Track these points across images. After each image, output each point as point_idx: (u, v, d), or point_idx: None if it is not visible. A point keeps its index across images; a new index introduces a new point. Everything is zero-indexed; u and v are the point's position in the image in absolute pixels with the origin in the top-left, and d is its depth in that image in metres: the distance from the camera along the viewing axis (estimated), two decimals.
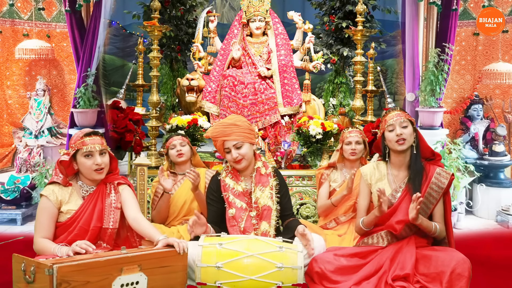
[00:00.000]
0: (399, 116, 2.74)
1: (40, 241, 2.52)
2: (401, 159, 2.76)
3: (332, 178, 3.64)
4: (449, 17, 4.71)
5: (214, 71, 4.72)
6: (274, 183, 2.96)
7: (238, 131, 2.91)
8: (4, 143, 6.14)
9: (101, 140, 2.63)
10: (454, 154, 4.40)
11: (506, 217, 4.72)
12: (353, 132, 3.63)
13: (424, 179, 2.70)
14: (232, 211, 2.88)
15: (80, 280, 2.10)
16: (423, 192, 2.67)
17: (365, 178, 2.84)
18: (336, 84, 6.27)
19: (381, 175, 2.80)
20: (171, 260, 2.38)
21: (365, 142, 3.65)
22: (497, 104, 5.96)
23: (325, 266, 2.60)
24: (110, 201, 2.64)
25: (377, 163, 2.87)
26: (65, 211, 2.57)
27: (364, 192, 2.86)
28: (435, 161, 2.79)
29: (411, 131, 2.72)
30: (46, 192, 2.58)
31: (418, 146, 2.74)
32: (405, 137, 2.70)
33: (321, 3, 6.35)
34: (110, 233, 2.61)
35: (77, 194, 2.63)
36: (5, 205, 4.66)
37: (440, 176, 2.70)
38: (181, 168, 3.60)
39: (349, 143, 3.57)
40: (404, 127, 2.71)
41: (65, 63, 6.35)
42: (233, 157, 2.89)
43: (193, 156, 3.66)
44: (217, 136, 2.94)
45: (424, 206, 2.67)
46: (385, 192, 2.59)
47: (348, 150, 3.56)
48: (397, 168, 2.78)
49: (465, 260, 2.49)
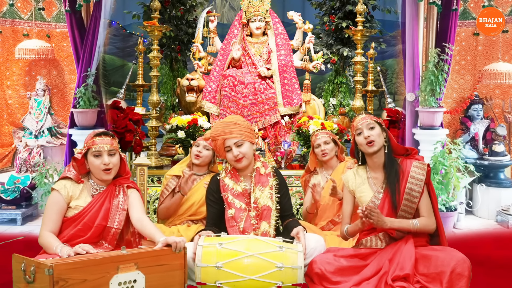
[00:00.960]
0: (365, 119, 2.77)
1: (46, 234, 2.54)
2: (375, 160, 2.77)
3: (314, 182, 3.65)
4: (449, 17, 4.70)
5: (214, 71, 4.72)
6: (274, 183, 2.96)
7: (238, 129, 2.91)
8: (4, 143, 6.14)
9: (111, 140, 2.67)
10: (454, 154, 4.39)
11: (506, 217, 4.72)
12: (319, 134, 3.68)
13: (402, 176, 2.71)
14: (231, 212, 2.88)
15: (77, 278, 2.11)
16: (403, 188, 2.68)
17: (347, 185, 2.86)
18: (336, 84, 6.27)
19: (362, 180, 2.82)
20: (167, 258, 2.39)
21: (335, 140, 3.68)
22: (497, 104, 5.96)
23: (325, 267, 2.60)
24: (118, 201, 2.67)
25: (357, 168, 2.89)
26: (73, 207, 2.61)
27: (347, 199, 2.88)
28: (411, 155, 2.81)
29: (379, 132, 2.74)
30: (58, 186, 2.62)
31: (389, 146, 2.75)
32: (373, 139, 2.71)
33: (321, 3, 6.36)
34: (113, 233, 2.63)
35: (87, 192, 2.67)
36: (5, 205, 4.66)
37: (417, 168, 2.71)
38: (198, 169, 3.56)
39: (318, 146, 3.62)
40: (371, 128, 2.73)
41: (65, 63, 6.35)
42: (234, 155, 2.89)
43: (213, 164, 3.60)
44: (217, 135, 2.93)
45: (408, 203, 2.68)
46: (372, 209, 2.58)
47: (320, 153, 3.61)
48: (374, 170, 2.80)
49: (465, 259, 2.48)
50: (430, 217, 2.71)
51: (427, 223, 2.69)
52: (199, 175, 3.54)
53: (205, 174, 3.56)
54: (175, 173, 3.55)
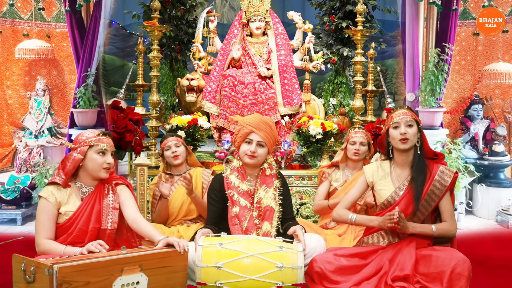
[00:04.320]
0: (406, 114, 2.73)
1: (45, 242, 2.51)
2: (404, 158, 2.75)
3: (334, 177, 3.63)
4: (449, 17, 4.71)
5: (214, 71, 4.72)
6: (278, 185, 2.95)
7: (269, 133, 2.89)
8: (4, 143, 6.14)
9: (111, 141, 2.72)
10: (454, 154, 4.40)
11: (506, 217, 4.73)
12: (359, 132, 3.63)
13: (428, 177, 2.70)
14: (235, 210, 2.85)
15: (81, 280, 2.10)
16: (426, 189, 2.68)
17: (367, 175, 2.83)
18: (336, 84, 6.26)
19: (385, 173, 2.80)
20: (172, 260, 2.38)
21: (370, 144, 3.64)
22: (497, 104, 5.96)
23: (325, 266, 2.60)
24: (108, 201, 2.64)
25: (381, 162, 2.87)
26: (63, 213, 2.57)
27: (359, 186, 2.86)
28: (438, 160, 2.80)
29: (415, 131, 2.72)
30: (45, 193, 2.58)
31: (421, 147, 2.74)
32: (409, 137, 2.69)
33: (321, 3, 6.35)
34: (109, 233, 2.61)
35: (75, 195, 2.63)
36: (5, 205, 4.66)
37: (444, 174, 2.70)
38: (177, 169, 3.59)
39: (354, 143, 3.57)
40: (409, 126, 2.71)
41: (65, 63, 6.35)
42: (251, 150, 2.84)
43: (189, 156, 3.63)
44: (249, 124, 2.88)
45: (425, 204, 2.68)
46: (401, 215, 2.56)
47: (352, 150, 3.56)
48: (400, 166, 2.78)
49: (465, 259, 2.48)
50: (452, 222, 2.71)
51: (449, 228, 2.69)
52: (179, 174, 3.56)
53: (185, 171, 3.58)
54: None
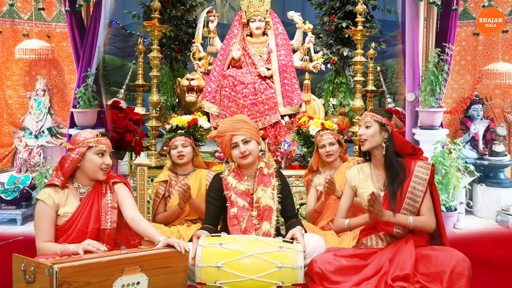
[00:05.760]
0: (366, 116, 2.79)
1: (44, 245, 2.50)
2: (377, 158, 2.79)
3: (317, 182, 3.64)
4: (449, 17, 4.71)
5: (214, 71, 4.72)
6: (276, 184, 2.96)
7: (247, 127, 2.92)
8: (4, 143, 6.13)
9: (109, 143, 2.71)
10: (454, 154, 4.39)
11: (506, 217, 4.72)
12: (325, 134, 3.66)
13: (407, 174, 2.72)
14: (234, 210, 2.86)
15: (82, 281, 2.10)
16: (406, 187, 2.69)
17: (349, 180, 2.87)
18: (336, 84, 6.28)
19: (365, 176, 2.83)
20: (172, 260, 2.38)
21: (339, 140, 3.67)
22: (497, 104, 5.96)
23: (325, 267, 2.60)
24: (106, 201, 2.63)
25: (362, 165, 2.90)
26: (62, 214, 2.56)
27: (347, 193, 2.89)
28: (417, 155, 2.81)
29: (374, 132, 2.73)
30: (42, 196, 2.56)
31: (390, 147, 2.74)
32: (365, 138, 2.74)
33: (321, 3, 6.36)
34: (108, 233, 2.61)
35: (73, 197, 2.62)
36: (5, 205, 4.66)
37: (421, 168, 2.72)
38: (182, 169, 3.59)
39: (323, 146, 3.61)
40: (367, 127, 2.75)
41: (65, 63, 6.35)
42: (241, 151, 2.87)
43: (196, 157, 3.63)
44: (226, 130, 2.92)
45: (411, 202, 2.68)
46: (377, 197, 2.57)
47: (324, 153, 3.60)
48: (378, 167, 2.81)
49: (465, 259, 2.49)
50: (430, 216, 2.70)
51: (425, 221, 2.68)
52: (184, 174, 3.57)
53: (191, 172, 3.58)
54: (162, 179, 3.59)
